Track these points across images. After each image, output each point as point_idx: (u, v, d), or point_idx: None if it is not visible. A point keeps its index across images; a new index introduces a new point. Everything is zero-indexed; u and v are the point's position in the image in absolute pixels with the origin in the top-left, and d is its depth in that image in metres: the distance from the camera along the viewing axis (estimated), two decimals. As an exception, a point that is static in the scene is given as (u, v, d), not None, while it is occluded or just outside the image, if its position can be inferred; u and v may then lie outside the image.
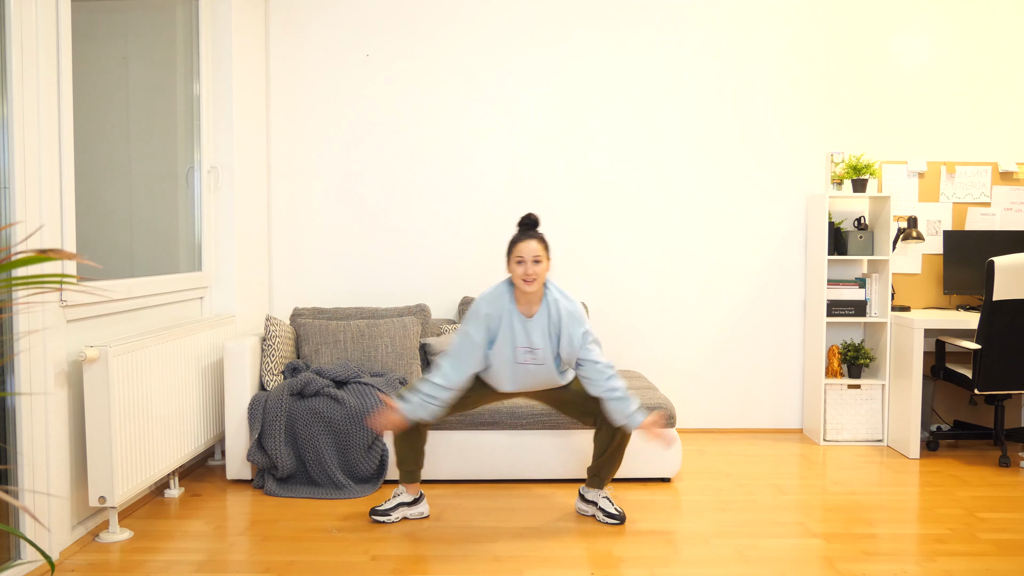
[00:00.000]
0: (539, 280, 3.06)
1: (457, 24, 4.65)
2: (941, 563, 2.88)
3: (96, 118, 3.81)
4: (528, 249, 3.04)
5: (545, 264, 3.07)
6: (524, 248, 3.05)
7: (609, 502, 3.31)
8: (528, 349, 3.12)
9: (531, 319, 3.11)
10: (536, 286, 3.05)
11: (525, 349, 3.12)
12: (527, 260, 3.04)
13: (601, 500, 3.32)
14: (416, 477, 3.32)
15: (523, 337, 3.11)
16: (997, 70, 4.68)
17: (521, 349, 3.12)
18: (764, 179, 4.71)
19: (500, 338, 3.11)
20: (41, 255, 1.55)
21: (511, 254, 3.08)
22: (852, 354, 4.45)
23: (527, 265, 3.04)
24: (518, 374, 3.18)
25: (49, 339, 2.85)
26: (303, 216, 4.70)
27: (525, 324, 3.11)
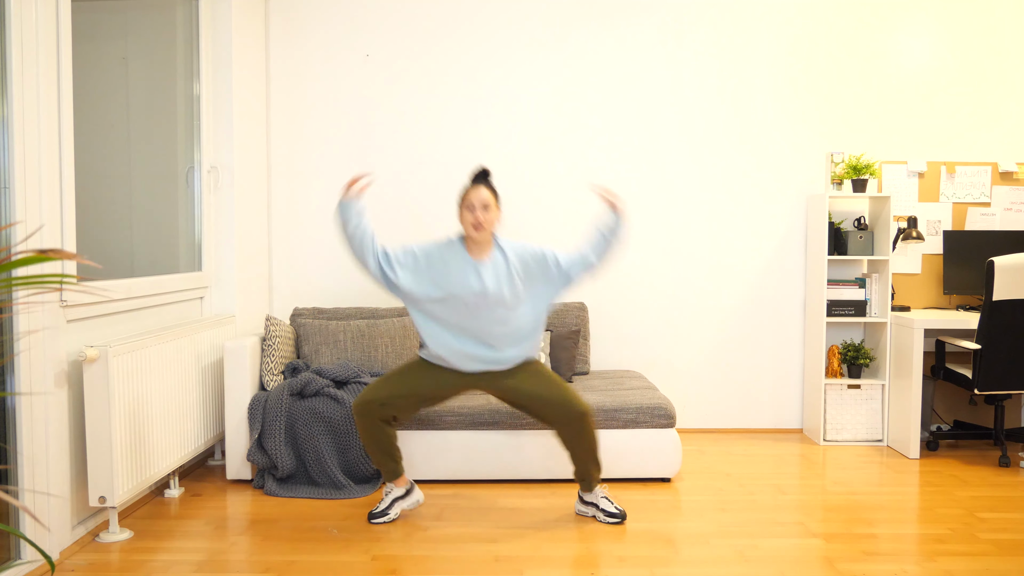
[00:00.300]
0: (488, 227, 3.07)
1: (457, 24, 4.65)
2: (941, 563, 2.88)
3: (96, 118, 3.81)
4: (478, 196, 3.06)
5: (494, 213, 3.09)
6: (474, 195, 3.07)
7: (608, 501, 3.31)
8: (480, 293, 3.07)
9: (483, 262, 3.10)
10: (485, 234, 3.07)
11: (476, 293, 3.06)
12: (476, 207, 3.05)
13: (600, 500, 3.31)
14: (399, 471, 3.31)
15: (475, 280, 3.07)
16: (997, 70, 4.68)
17: (472, 293, 3.07)
18: (764, 179, 4.71)
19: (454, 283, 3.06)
20: (41, 255, 1.55)
21: (462, 202, 3.09)
22: (852, 354, 4.45)
23: (476, 212, 3.05)
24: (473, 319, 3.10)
25: (49, 339, 2.85)
26: (303, 216, 4.70)
27: (477, 268, 3.09)
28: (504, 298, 3.08)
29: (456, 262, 3.09)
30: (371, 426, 3.21)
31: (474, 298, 3.07)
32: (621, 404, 3.77)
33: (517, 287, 3.11)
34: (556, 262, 3.14)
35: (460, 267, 3.08)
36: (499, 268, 3.10)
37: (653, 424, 3.75)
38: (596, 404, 3.76)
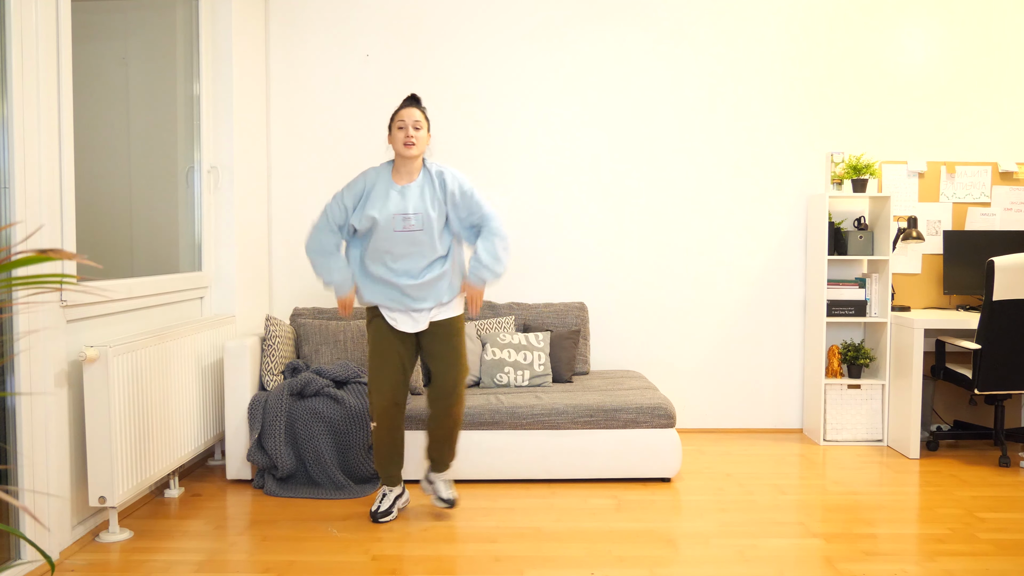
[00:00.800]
0: (419, 145, 3.13)
1: (456, 24, 4.65)
2: (941, 563, 2.88)
3: (96, 118, 3.81)
4: (409, 114, 3.12)
5: (425, 134, 3.15)
6: (405, 113, 3.13)
7: (446, 486, 3.35)
8: (404, 216, 3.11)
9: (407, 186, 3.15)
10: (416, 151, 3.12)
11: (401, 216, 3.11)
12: (408, 124, 3.11)
13: (438, 483, 3.36)
14: (401, 478, 3.39)
15: (399, 203, 3.12)
16: (997, 70, 4.68)
17: (397, 216, 3.11)
18: (764, 179, 4.71)
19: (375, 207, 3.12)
20: (41, 255, 1.55)
21: (393, 121, 3.14)
22: (852, 354, 4.45)
23: (407, 129, 3.11)
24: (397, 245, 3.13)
25: (49, 339, 2.85)
26: (303, 216, 4.70)
27: (402, 192, 3.14)
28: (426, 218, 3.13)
29: (381, 187, 3.16)
30: (395, 431, 3.26)
31: (399, 220, 3.11)
32: (621, 404, 3.77)
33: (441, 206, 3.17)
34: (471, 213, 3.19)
35: (384, 191, 3.15)
36: (424, 190, 3.16)
37: (653, 424, 3.75)
38: (596, 404, 3.76)
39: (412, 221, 3.12)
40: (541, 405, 3.77)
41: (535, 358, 4.21)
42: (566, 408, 3.75)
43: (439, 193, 3.17)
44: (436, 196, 3.16)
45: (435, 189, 3.16)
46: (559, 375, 4.30)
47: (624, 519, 3.31)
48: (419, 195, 3.15)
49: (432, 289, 3.19)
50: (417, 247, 3.14)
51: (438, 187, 3.17)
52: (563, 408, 3.75)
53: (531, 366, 4.19)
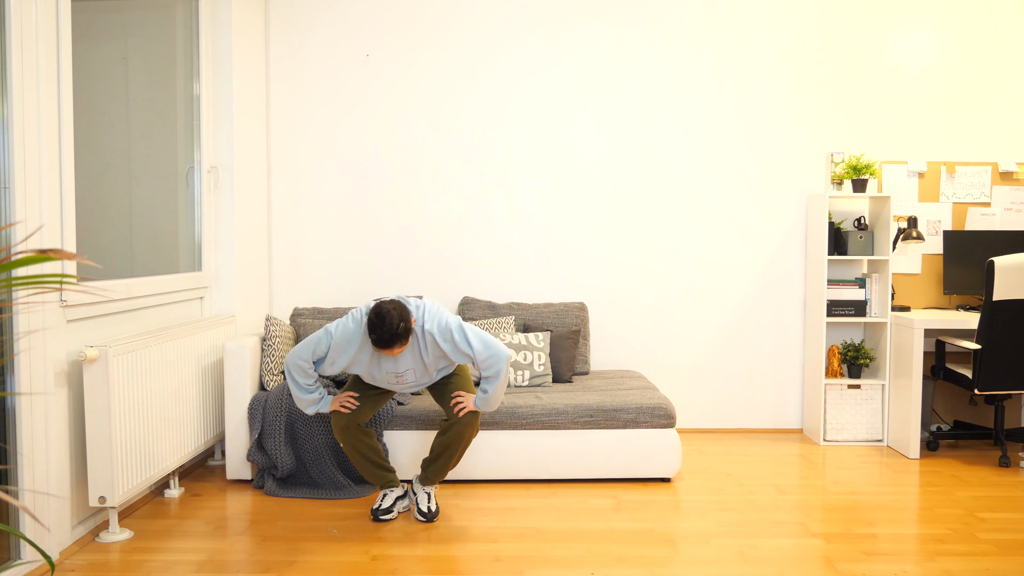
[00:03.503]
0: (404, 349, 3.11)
1: (456, 23, 4.65)
2: (941, 563, 2.88)
3: (96, 118, 3.81)
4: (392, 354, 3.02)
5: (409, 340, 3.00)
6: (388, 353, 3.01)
7: (428, 498, 3.35)
8: (396, 374, 3.18)
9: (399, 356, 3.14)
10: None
11: (394, 374, 3.18)
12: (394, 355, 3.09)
13: (421, 495, 3.36)
14: (396, 479, 3.40)
15: (390, 364, 3.15)
16: (997, 70, 4.68)
17: (390, 375, 3.18)
18: (764, 179, 4.71)
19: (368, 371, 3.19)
20: (41, 255, 1.55)
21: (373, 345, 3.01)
22: (852, 354, 4.45)
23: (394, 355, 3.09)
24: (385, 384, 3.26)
25: (49, 339, 2.85)
26: (303, 216, 4.70)
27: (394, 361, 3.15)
28: (418, 379, 3.21)
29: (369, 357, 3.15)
30: (361, 446, 3.30)
31: (391, 377, 3.19)
32: (621, 404, 3.77)
33: (430, 371, 3.20)
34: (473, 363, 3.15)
35: (376, 359, 3.16)
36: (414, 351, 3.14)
37: (653, 424, 3.75)
38: (596, 404, 3.76)
39: (405, 377, 3.19)
40: (541, 405, 3.77)
41: (535, 358, 4.21)
42: (566, 408, 3.75)
43: (431, 354, 3.15)
44: (431, 356, 3.15)
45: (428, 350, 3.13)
46: (559, 375, 4.30)
47: (624, 519, 3.31)
48: (411, 355, 3.14)
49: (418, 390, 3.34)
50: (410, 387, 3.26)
51: (430, 349, 3.13)
52: (563, 408, 3.75)
53: (531, 366, 4.19)
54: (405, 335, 2.96)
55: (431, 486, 3.38)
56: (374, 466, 3.35)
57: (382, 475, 3.37)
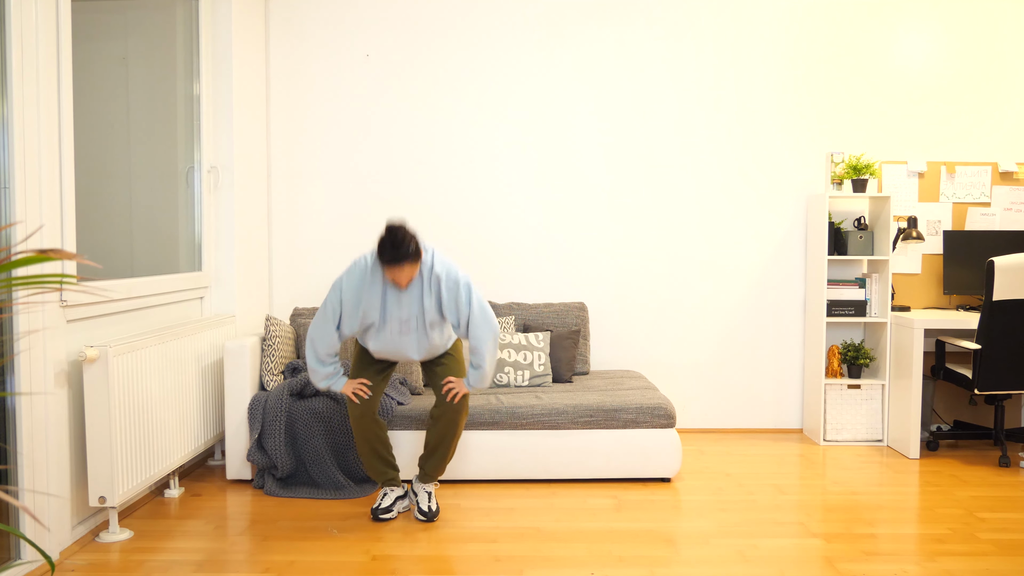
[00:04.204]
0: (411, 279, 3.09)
1: (456, 23, 4.65)
2: (941, 563, 2.88)
3: (96, 118, 3.81)
4: (399, 274, 3.02)
5: (418, 265, 3.05)
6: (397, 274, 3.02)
7: (428, 497, 3.34)
8: (400, 321, 3.15)
9: (406, 291, 3.14)
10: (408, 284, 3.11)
11: (401, 320, 3.15)
12: (402, 280, 3.06)
13: (421, 494, 3.36)
14: (399, 479, 3.40)
15: (397, 309, 3.14)
16: (997, 70, 4.68)
17: (396, 320, 3.15)
18: (764, 179, 4.71)
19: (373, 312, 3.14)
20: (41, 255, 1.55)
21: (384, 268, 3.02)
22: (852, 354, 4.45)
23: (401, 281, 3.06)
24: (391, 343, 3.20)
25: (49, 339, 2.85)
26: (303, 216, 4.70)
27: (399, 297, 3.14)
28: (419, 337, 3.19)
29: (377, 291, 3.14)
30: (373, 439, 3.30)
31: (395, 324, 3.17)
32: (621, 404, 3.77)
33: (436, 310, 3.17)
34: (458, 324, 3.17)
35: (381, 296, 3.14)
36: (420, 295, 3.14)
37: (653, 424, 3.75)
38: (596, 404, 3.76)
39: (409, 324, 3.17)
40: (541, 405, 3.77)
41: (535, 358, 4.21)
42: (566, 408, 3.75)
43: (434, 299, 3.15)
44: (431, 301, 3.15)
45: (431, 294, 3.14)
46: (559, 375, 4.30)
47: (624, 519, 3.31)
48: (415, 300, 3.15)
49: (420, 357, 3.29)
50: (412, 341, 3.21)
51: (433, 292, 3.14)
52: (563, 408, 3.75)
53: (531, 366, 4.19)
54: (416, 255, 2.99)
55: (431, 483, 3.38)
56: (381, 460, 3.35)
57: (386, 471, 3.37)
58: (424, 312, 3.14)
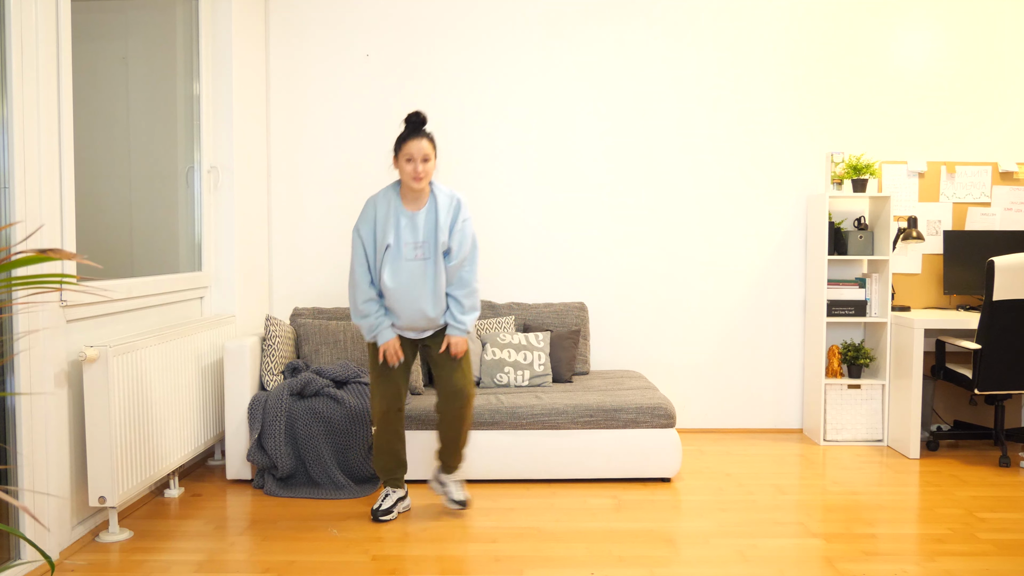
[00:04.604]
0: (427, 178, 3.12)
1: (456, 23, 4.65)
2: (941, 563, 2.88)
3: (96, 118, 3.81)
4: (418, 148, 3.08)
5: (433, 163, 3.12)
6: (414, 147, 3.08)
7: (458, 487, 3.37)
8: (415, 244, 3.15)
9: (417, 213, 3.16)
10: (424, 183, 3.12)
11: (412, 244, 3.15)
12: (416, 159, 3.08)
13: (449, 485, 3.38)
14: (402, 483, 3.40)
15: (410, 232, 3.14)
16: (997, 70, 4.68)
17: (408, 245, 3.14)
18: (764, 179, 4.71)
19: (389, 234, 3.13)
20: (41, 255, 1.55)
21: (399, 152, 3.11)
22: (852, 354, 4.45)
23: (416, 164, 3.08)
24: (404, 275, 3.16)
25: (49, 339, 2.85)
26: (303, 216, 4.70)
27: (412, 219, 3.15)
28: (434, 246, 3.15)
29: (392, 213, 3.15)
30: (395, 435, 3.30)
31: (410, 249, 3.14)
32: (621, 404, 3.77)
33: (443, 236, 3.15)
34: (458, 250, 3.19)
35: (395, 218, 3.15)
36: (433, 217, 3.16)
37: (653, 424, 3.75)
38: (596, 404, 3.76)
39: (420, 250, 3.15)
40: (541, 405, 3.77)
41: (535, 358, 4.21)
42: (566, 408, 3.75)
43: (448, 221, 3.17)
44: (445, 224, 3.16)
45: (441, 216, 3.15)
46: (559, 375, 4.30)
47: (624, 519, 3.31)
48: (429, 223, 3.16)
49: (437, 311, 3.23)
50: (423, 276, 3.17)
51: (450, 214, 3.17)
52: (563, 408, 3.75)
53: (531, 366, 4.19)
54: (432, 139, 3.12)
55: (455, 473, 3.40)
56: (394, 457, 3.34)
57: (394, 470, 3.36)
58: (438, 231, 3.13)
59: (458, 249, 3.18)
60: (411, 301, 3.18)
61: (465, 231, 3.20)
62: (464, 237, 3.20)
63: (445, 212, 3.17)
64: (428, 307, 3.19)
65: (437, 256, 3.16)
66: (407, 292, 3.17)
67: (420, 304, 3.19)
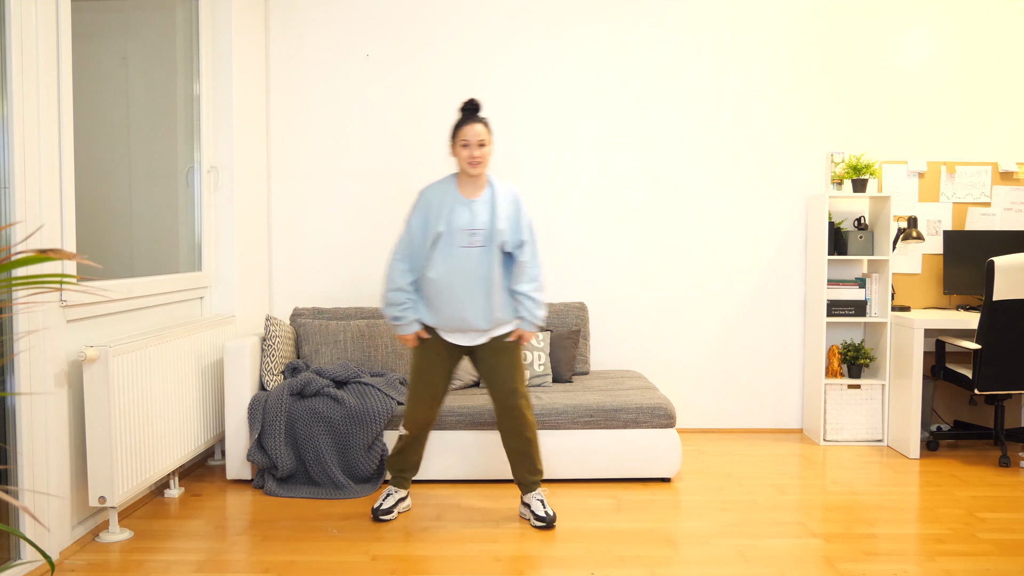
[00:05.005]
0: (484, 163, 3.10)
1: (456, 23, 4.65)
2: (941, 563, 2.88)
3: (96, 118, 3.81)
4: (473, 133, 3.07)
5: (489, 148, 3.11)
6: (469, 132, 3.07)
7: (541, 504, 3.26)
8: (470, 231, 3.09)
9: (474, 201, 3.12)
10: (481, 169, 3.10)
11: (467, 231, 3.08)
12: (472, 144, 3.07)
13: (534, 503, 3.27)
14: (407, 485, 3.39)
15: (466, 219, 3.09)
16: (997, 70, 4.68)
17: (463, 232, 3.08)
18: (764, 179, 4.71)
19: (441, 221, 3.08)
20: (41, 255, 1.55)
21: (456, 138, 3.10)
22: (852, 354, 4.45)
23: (472, 148, 3.07)
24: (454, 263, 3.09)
25: (49, 339, 2.85)
26: (303, 216, 4.70)
27: (469, 206, 3.11)
28: (491, 234, 3.10)
29: (447, 200, 3.12)
30: (421, 441, 3.31)
31: (465, 236, 3.08)
32: (621, 404, 3.77)
33: (504, 225, 3.11)
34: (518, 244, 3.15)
35: (450, 204, 3.11)
36: (489, 206, 3.12)
37: (653, 424, 3.75)
38: (596, 404, 3.76)
39: (477, 237, 3.09)
40: (541, 405, 3.77)
41: (535, 358, 4.21)
42: (566, 408, 3.75)
43: (510, 213, 3.14)
44: (505, 214, 3.12)
45: (500, 205, 3.12)
46: (559, 375, 4.30)
47: (624, 519, 3.31)
48: (487, 210, 3.12)
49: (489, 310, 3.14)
50: (477, 266, 3.10)
51: (510, 206, 3.15)
52: (563, 408, 3.75)
53: (531, 366, 4.19)
54: (487, 123, 3.10)
55: (532, 490, 3.29)
56: (408, 461, 3.33)
57: (405, 469, 3.34)
58: (496, 219, 3.08)
59: (529, 243, 3.15)
60: (459, 291, 3.10)
61: (531, 226, 3.18)
62: (531, 232, 3.18)
63: (505, 202, 3.14)
64: (480, 299, 3.10)
65: (493, 247, 3.10)
66: (456, 282, 3.09)
67: (469, 296, 3.10)
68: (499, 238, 3.10)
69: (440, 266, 3.10)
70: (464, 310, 3.12)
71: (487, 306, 3.13)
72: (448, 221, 3.09)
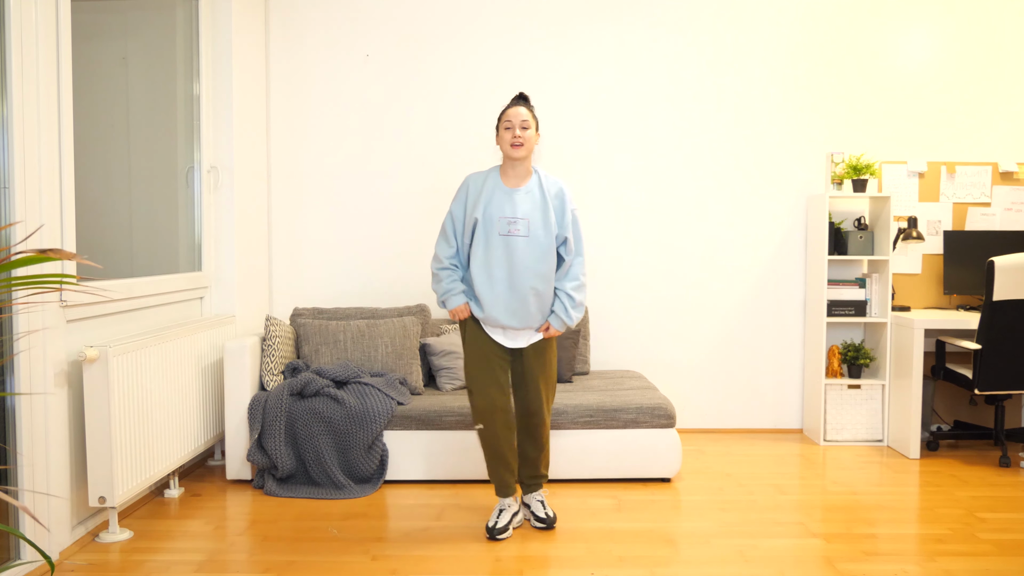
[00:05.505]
0: (527, 146, 3.02)
1: (456, 23, 4.65)
2: (941, 563, 2.88)
3: (96, 118, 3.81)
4: (516, 114, 3.03)
5: (534, 133, 3.05)
6: (512, 113, 3.03)
7: (542, 505, 3.24)
8: (509, 220, 3.01)
9: (516, 189, 3.06)
10: (524, 152, 3.02)
11: (508, 220, 3.01)
12: (515, 125, 3.02)
13: (534, 503, 3.25)
14: (514, 487, 3.22)
15: (507, 207, 3.02)
16: (998, 70, 4.68)
17: (503, 220, 3.00)
18: (764, 179, 4.71)
19: (481, 209, 3.02)
20: (41, 255, 1.55)
21: (500, 121, 3.05)
22: (852, 354, 4.45)
23: (515, 129, 3.01)
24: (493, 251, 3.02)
25: (49, 339, 2.85)
26: (303, 216, 4.70)
27: (510, 194, 3.04)
28: (533, 226, 3.01)
29: (488, 187, 3.06)
30: (502, 432, 3.12)
31: (503, 224, 3.01)
32: (621, 404, 3.77)
33: (549, 218, 3.04)
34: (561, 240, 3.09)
35: (490, 192, 3.05)
36: (533, 197, 3.05)
37: (653, 424, 3.75)
38: (596, 404, 3.76)
39: (518, 226, 3.01)
40: (541, 405, 3.76)
41: (535, 358, 4.21)
42: (566, 408, 3.75)
43: (556, 205, 3.07)
44: (549, 205, 3.05)
45: (549, 198, 3.06)
46: (559, 375, 4.30)
47: (624, 519, 3.31)
48: (529, 200, 3.04)
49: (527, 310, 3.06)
50: (518, 257, 3.01)
51: (557, 199, 3.08)
52: (563, 408, 3.75)
53: (531, 366, 4.19)
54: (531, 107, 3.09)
55: (534, 491, 3.26)
56: (504, 465, 3.15)
57: (507, 480, 3.17)
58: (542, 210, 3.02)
59: (574, 240, 3.09)
60: (499, 282, 3.02)
61: (577, 221, 3.11)
62: (577, 227, 3.11)
63: (551, 195, 3.07)
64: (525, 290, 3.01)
65: (537, 238, 3.01)
66: (497, 271, 3.01)
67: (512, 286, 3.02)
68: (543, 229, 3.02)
69: (481, 253, 3.05)
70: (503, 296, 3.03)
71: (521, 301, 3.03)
72: (485, 208, 3.03)
